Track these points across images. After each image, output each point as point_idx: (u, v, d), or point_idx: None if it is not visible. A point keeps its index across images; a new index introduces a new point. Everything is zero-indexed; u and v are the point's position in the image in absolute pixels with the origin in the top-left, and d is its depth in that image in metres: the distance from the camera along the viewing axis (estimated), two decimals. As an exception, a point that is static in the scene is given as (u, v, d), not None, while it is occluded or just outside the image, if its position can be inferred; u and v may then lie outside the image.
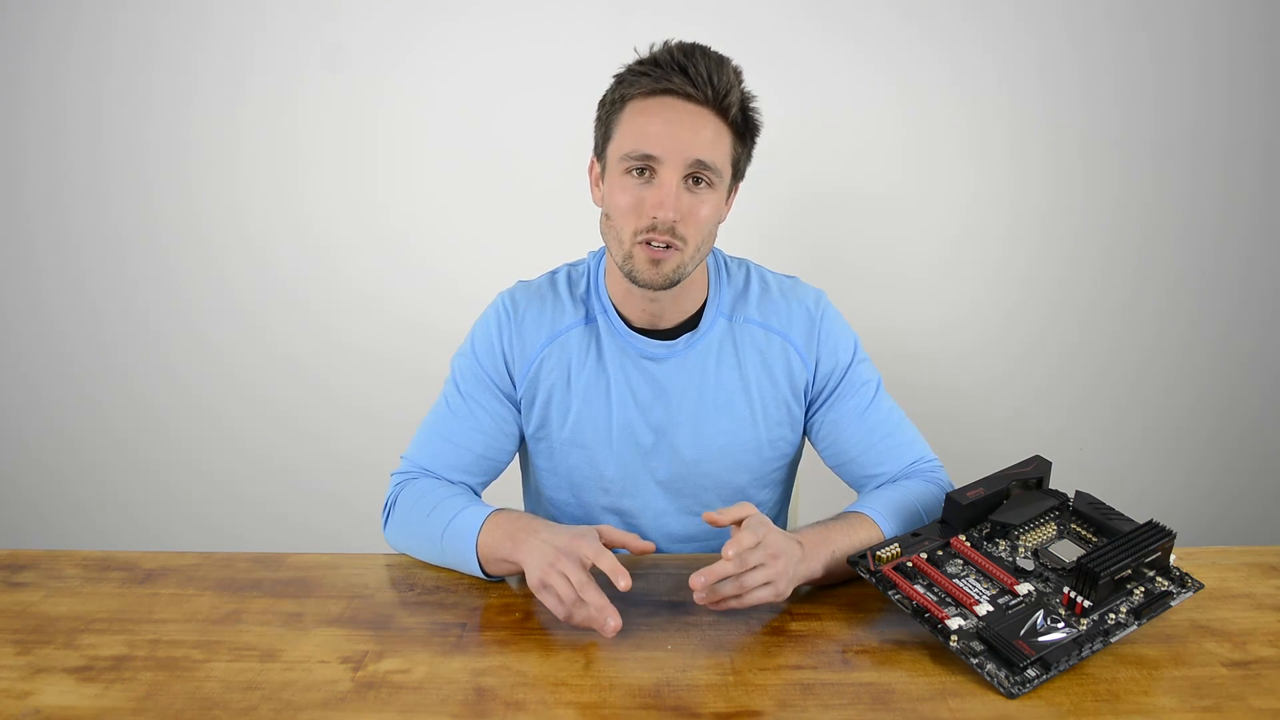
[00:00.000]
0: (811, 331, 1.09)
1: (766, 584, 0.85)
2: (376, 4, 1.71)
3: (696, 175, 0.96)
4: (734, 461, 1.10)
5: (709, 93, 0.94)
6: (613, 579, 0.81)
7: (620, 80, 0.99)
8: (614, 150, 0.99)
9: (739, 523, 0.89)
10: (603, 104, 1.02)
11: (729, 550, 0.83)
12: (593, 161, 1.06)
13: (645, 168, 0.96)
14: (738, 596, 0.85)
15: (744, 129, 1.00)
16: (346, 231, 1.84)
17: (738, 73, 0.97)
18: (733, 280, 1.11)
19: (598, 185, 1.04)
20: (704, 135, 0.95)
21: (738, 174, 1.04)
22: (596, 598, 0.82)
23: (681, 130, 0.94)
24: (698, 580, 0.83)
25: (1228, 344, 1.89)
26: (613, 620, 0.81)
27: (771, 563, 0.85)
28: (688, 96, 0.95)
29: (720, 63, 0.95)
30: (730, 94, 0.95)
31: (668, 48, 0.96)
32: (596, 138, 1.04)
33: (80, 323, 1.90)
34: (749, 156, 1.04)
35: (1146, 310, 1.88)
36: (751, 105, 1.00)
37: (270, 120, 1.77)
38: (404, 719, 0.73)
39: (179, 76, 1.75)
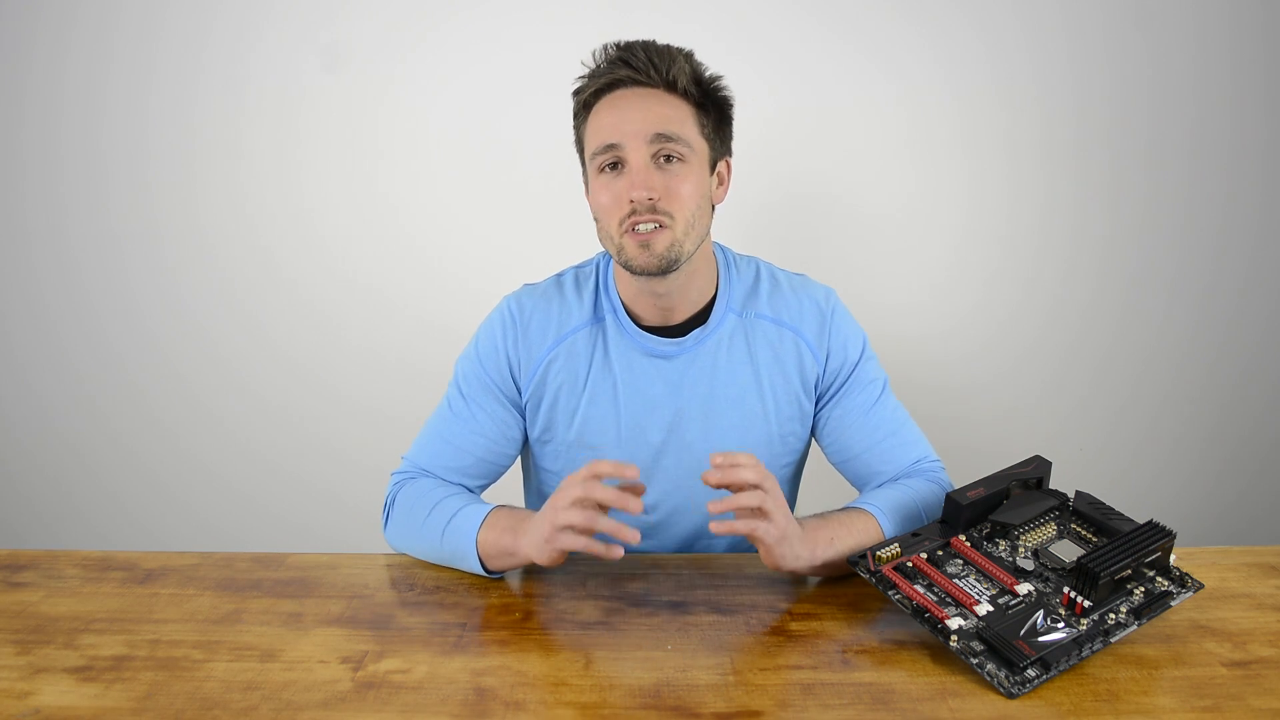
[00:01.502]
0: (822, 326, 1.09)
1: (765, 516, 0.86)
2: (379, 3, 1.71)
3: (665, 152, 0.98)
4: None
5: (653, 73, 0.97)
6: (620, 506, 0.84)
7: (575, 92, 1.03)
8: (587, 156, 1.02)
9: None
10: (573, 125, 1.05)
11: (718, 458, 0.86)
12: (585, 184, 1.08)
13: (615, 161, 0.98)
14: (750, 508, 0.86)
15: (702, 100, 1.01)
16: (348, 231, 1.83)
17: (686, 54, 1.00)
18: (742, 276, 1.12)
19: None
20: (660, 111, 0.98)
21: (717, 149, 1.04)
22: (607, 522, 0.84)
23: (635, 112, 0.97)
24: (717, 458, 0.85)
25: (1227, 344, 1.89)
26: (633, 503, 0.84)
27: (773, 490, 0.86)
28: (635, 82, 0.98)
29: (662, 48, 0.99)
30: (674, 68, 0.97)
31: (607, 50, 1.00)
32: (579, 158, 1.07)
33: (80, 323, 1.89)
34: (724, 131, 1.05)
35: (1146, 310, 1.87)
36: (713, 82, 1.02)
37: (272, 120, 1.77)
38: (404, 719, 0.73)
39: (180, 76, 1.75)
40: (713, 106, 1.02)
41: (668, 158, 0.98)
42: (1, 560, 1.01)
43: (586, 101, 1.01)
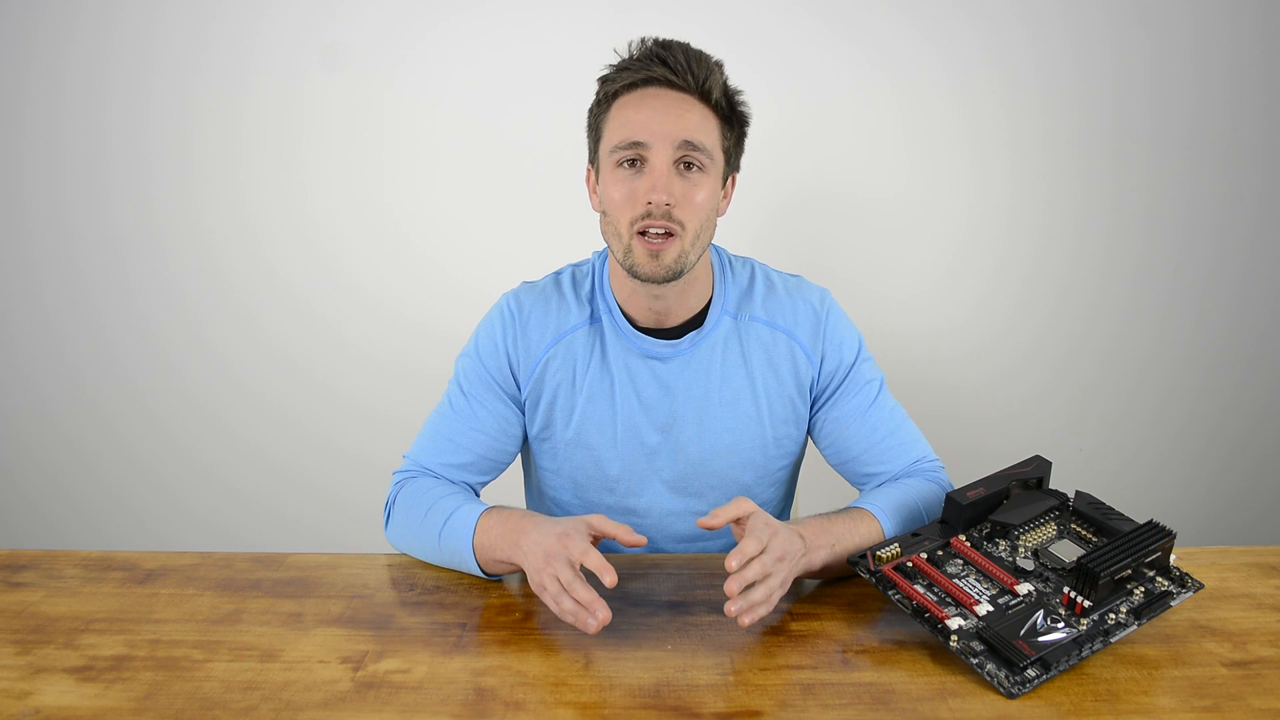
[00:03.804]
0: (817, 329, 1.09)
1: (779, 588, 0.85)
2: (379, 2, 1.71)
3: (687, 160, 0.97)
4: (740, 459, 1.10)
5: (690, 79, 0.96)
6: (599, 576, 0.81)
7: (604, 80, 1.01)
8: (605, 147, 1.00)
9: (737, 521, 0.88)
10: (591, 110, 1.04)
11: (732, 561, 0.82)
12: (589, 170, 1.07)
13: (636, 158, 0.97)
14: (765, 601, 0.83)
15: (729, 114, 1.01)
16: (347, 231, 1.84)
17: (718, 64, 0.99)
18: (737, 278, 1.11)
19: (595, 191, 1.05)
20: (690, 118, 0.97)
21: (731, 163, 1.04)
22: (584, 593, 0.82)
23: (667, 115, 0.96)
24: (732, 586, 0.81)
25: (1227, 344, 1.89)
26: (600, 613, 0.81)
27: (778, 567, 0.84)
28: (670, 84, 0.97)
29: (699, 54, 0.98)
30: (711, 78, 0.97)
31: (645, 43, 0.98)
32: (589, 144, 1.06)
33: (80, 323, 1.90)
34: (740, 147, 1.06)
35: (1146, 310, 1.88)
36: (737, 96, 1.02)
37: (271, 119, 1.77)
38: (404, 719, 0.73)
39: (179, 75, 1.75)
40: (736, 121, 1.03)
41: (688, 165, 0.97)
42: (1, 560, 1.01)
43: (615, 92, 0.99)
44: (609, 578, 0.81)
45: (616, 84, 0.99)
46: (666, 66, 0.96)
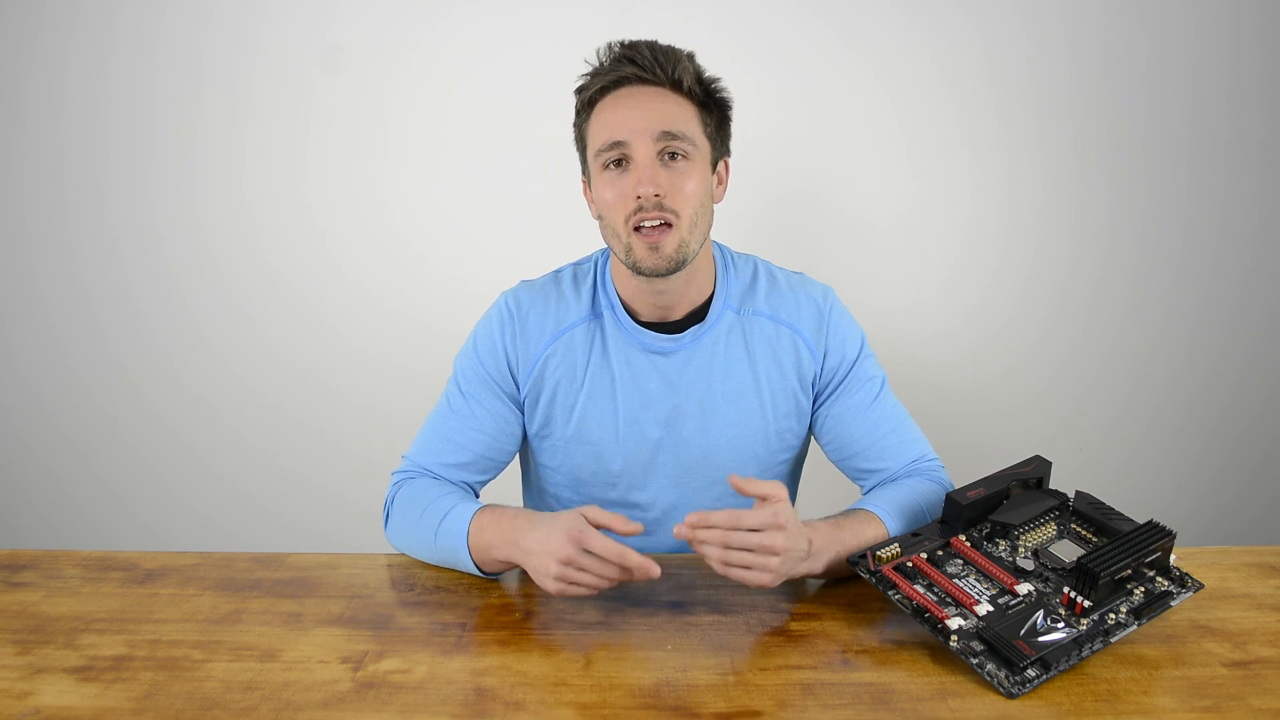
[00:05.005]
0: (820, 324, 1.09)
1: (755, 569, 0.85)
2: (380, 3, 1.71)
3: (670, 150, 0.98)
4: (743, 453, 1.10)
5: (659, 72, 0.98)
6: (621, 563, 0.84)
7: (579, 90, 1.03)
8: (591, 153, 1.02)
9: (763, 498, 0.87)
10: (574, 124, 1.06)
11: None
12: (583, 182, 1.08)
13: (620, 158, 0.99)
14: (723, 564, 0.86)
15: (705, 99, 1.02)
16: (348, 231, 1.83)
17: (689, 55, 1.01)
18: (739, 274, 1.12)
19: (591, 200, 1.06)
20: (665, 108, 0.98)
21: (718, 149, 1.05)
22: (636, 559, 0.84)
23: (641, 109, 0.98)
24: (692, 517, 0.85)
25: (1227, 344, 1.89)
26: (654, 568, 0.84)
27: (766, 558, 0.85)
28: (641, 80, 0.99)
29: (666, 48, 1.00)
30: (679, 67, 0.99)
31: (612, 48, 1.01)
32: (579, 156, 1.07)
33: (80, 323, 1.89)
34: (724, 131, 1.07)
35: (1146, 310, 1.87)
36: (714, 83, 1.03)
37: (272, 119, 1.77)
38: (404, 719, 0.73)
39: (179, 75, 1.75)
40: (715, 106, 1.04)
41: (673, 155, 0.99)
42: (1, 560, 1.01)
43: (591, 99, 1.01)
44: (634, 558, 0.84)
45: (591, 90, 1.01)
46: (635, 64, 0.98)
